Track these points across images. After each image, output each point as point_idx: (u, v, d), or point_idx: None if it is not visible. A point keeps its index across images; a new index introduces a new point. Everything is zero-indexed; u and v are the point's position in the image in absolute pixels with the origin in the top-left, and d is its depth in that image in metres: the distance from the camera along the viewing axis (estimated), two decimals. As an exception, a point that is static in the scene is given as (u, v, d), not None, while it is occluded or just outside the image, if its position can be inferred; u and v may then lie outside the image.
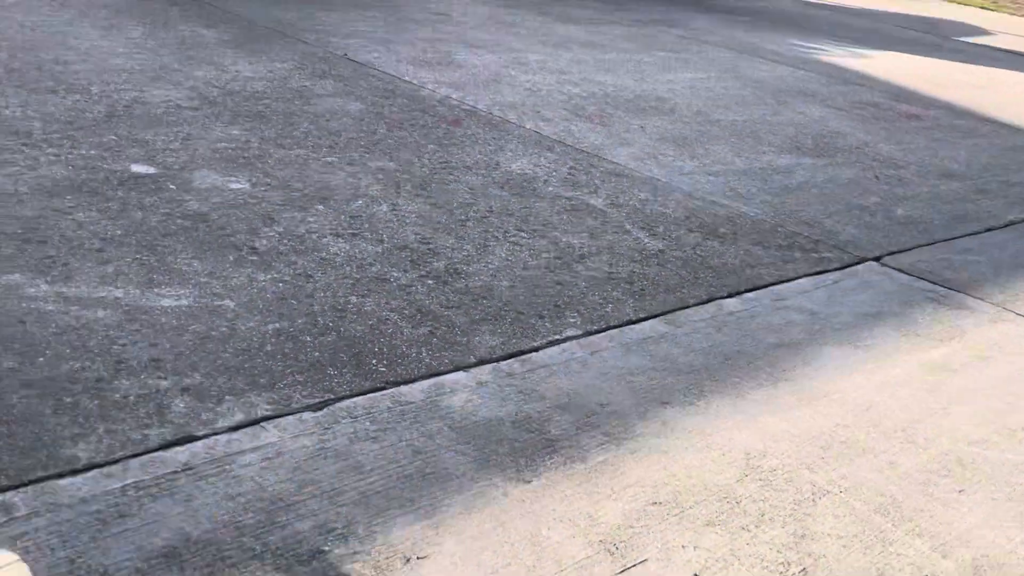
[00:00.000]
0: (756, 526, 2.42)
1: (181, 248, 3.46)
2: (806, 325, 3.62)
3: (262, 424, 2.53)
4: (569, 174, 4.94)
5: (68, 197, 3.71)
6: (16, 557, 1.95)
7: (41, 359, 2.65)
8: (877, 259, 4.39)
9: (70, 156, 4.10)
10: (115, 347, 2.77)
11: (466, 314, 3.33)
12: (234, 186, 4.09)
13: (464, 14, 8.60)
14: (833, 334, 3.57)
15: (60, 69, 5.23)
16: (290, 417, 2.57)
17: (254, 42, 6.49)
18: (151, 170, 4.11)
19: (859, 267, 4.28)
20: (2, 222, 3.44)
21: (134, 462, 2.30)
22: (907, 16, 12.80)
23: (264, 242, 3.62)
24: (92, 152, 4.18)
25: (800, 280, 4.04)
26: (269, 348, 2.89)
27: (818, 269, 4.17)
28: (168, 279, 3.23)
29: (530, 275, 3.71)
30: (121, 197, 3.79)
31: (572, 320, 3.41)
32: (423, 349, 3.04)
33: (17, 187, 3.73)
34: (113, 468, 2.26)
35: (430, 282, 3.53)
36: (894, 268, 4.32)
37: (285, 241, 3.66)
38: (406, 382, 2.84)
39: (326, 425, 2.57)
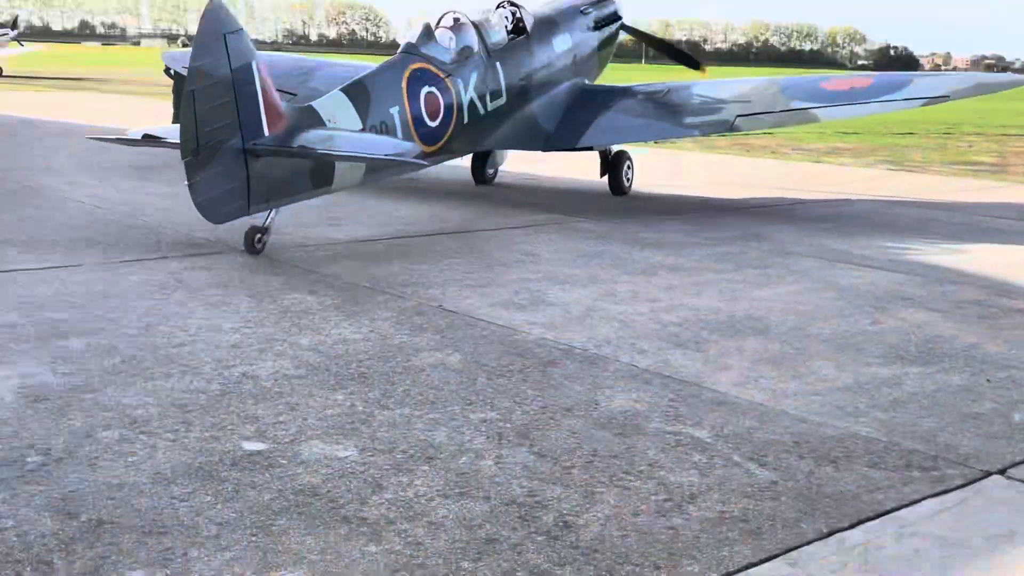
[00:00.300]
0: None
1: (294, 526, 3.51)
2: (937, 555, 3.45)
3: None
4: (670, 406, 4.92)
5: (185, 483, 3.83)
6: None
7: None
8: (1002, 472, 4.21)
9: (185, 440, 4.26)
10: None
11: (579, 571, 3.27)
12: (342, 454, 4.17)
13: (552, 251, 8.85)
14: (966, 563, 3.39)
15: (175, 351, 5.50)
16: None
17: (353, 303, 6.76)
18: (262, 446, 4.23)
19: (984, 482, 4.10)
20: (123, 515, 3.54)
21: None
22: (997, 205, 12.74)
23: (374, 511, 3.65)
24: (206, 434, 4.33)
25: (924, 503, 3.88)
26: (384, 628, 2.87)
27: (941, 489, 4.01)
28: (282, 560, 3.26)
29: (641, 522, 3.65)
30: (235, 478, 3.89)
31: (689, 569, 3.32)
32: (539, 616, 2.97)
33: (137, 477, 3.87)
34: None
35: (540, 538, 3.49)
36: (1020, 480, 4.13)
37: (394, 508, 3.69)
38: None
39: None
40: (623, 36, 14.56)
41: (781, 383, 5.34)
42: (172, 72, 17.17)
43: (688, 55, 15.00)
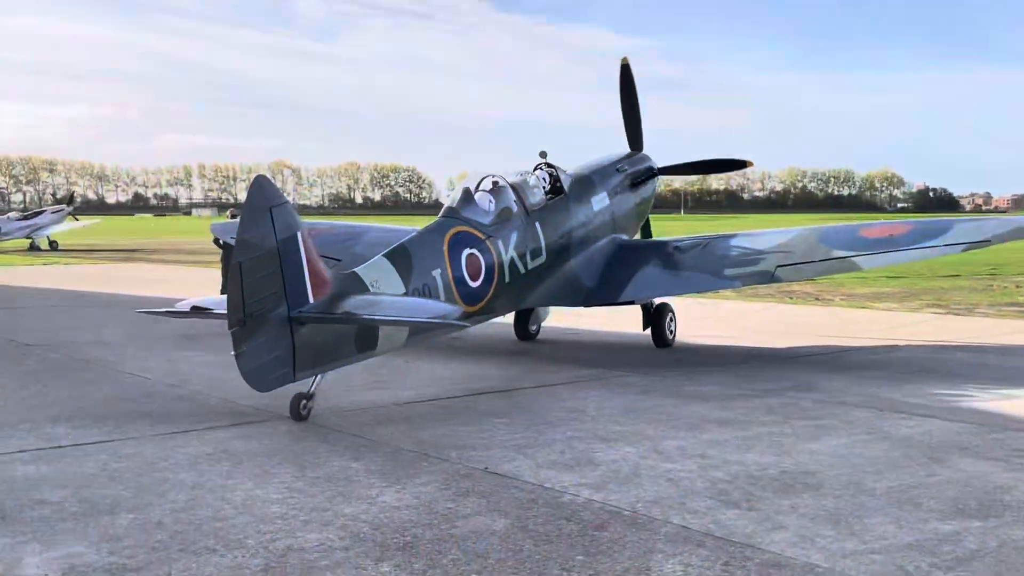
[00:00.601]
0: None
1: None
2: None
3: None
4: (723, 570, 4.77)
5: (226, 665, 3.73)
6: None
7: None
8: (1078, 634, 4.00)
9: (228, 619, 4.17)
10: None
11: None
12: (387, 631, 4.06)
13: (597, 407, 8.79)
14: None
15: (220, 525, 5.46)
16: None
17: (399, 468, 6.71)
18: (305, 624, 4.13)
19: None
20: None
21: None
22: (1047, 345, 12.55)
23: None
24: (249, 611, 4.25)
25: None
26: None
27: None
28: None
29: None
30: (277, 659, 3.80)
31: None
32: None
33: (178, 660, 3.78)
34: None
35: None
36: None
37: None
38: None
39: None
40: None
41: (838, 542, 5.17)
42: (221, 242, 17.65)
43: (731, 160, 14.93)
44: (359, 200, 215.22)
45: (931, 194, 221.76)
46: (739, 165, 14.84)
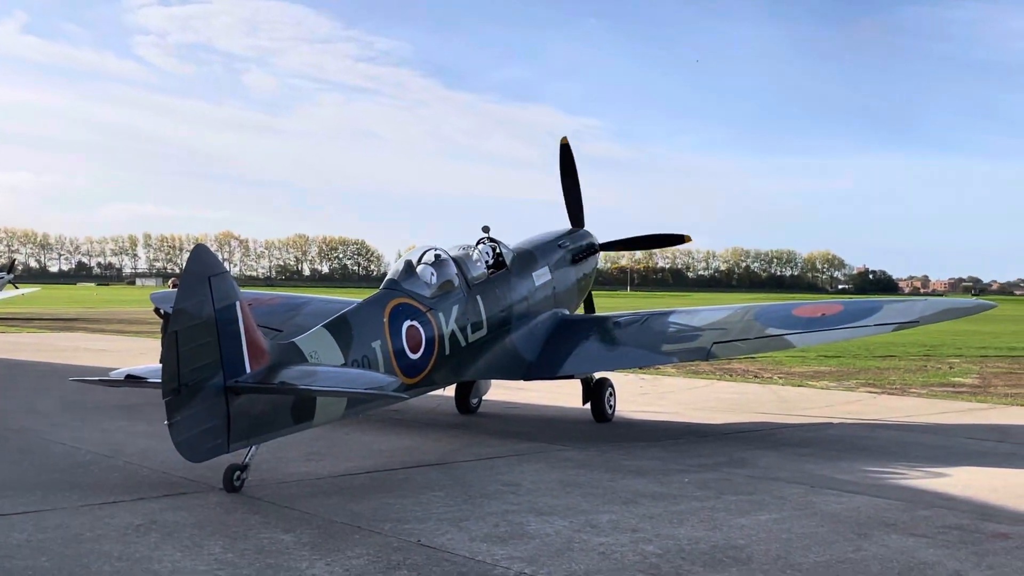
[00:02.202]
0: None
1: None
2: None
3: None
4: (651, 644, 4.79)
5: None
6: None
7: None
8: None
9: None
10: None
11: None
12: None
13: (535, 481, 8.81)
14: None
15: (143, 596, 5.38)
16: None
17: (330, 540, 6.66)
18: None
19: None
20: None
21: None
22: (978, 426, 12.79)
23: None
24: None
25: None
26: None
27: None
28: None
29: None
30: None
31: None
32: None
33: None
34: None
35: None
36: None
37: None
38: None
39: None
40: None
41: (763, 616, 5.22)
42: (161, 312, 17.49)
43: (669, 235, 15.18)
44: (307, 272, 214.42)
45: (871, 276, 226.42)
46: (677, 240, 15.14)
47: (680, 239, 15.02)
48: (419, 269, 10.92)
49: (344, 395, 8.59)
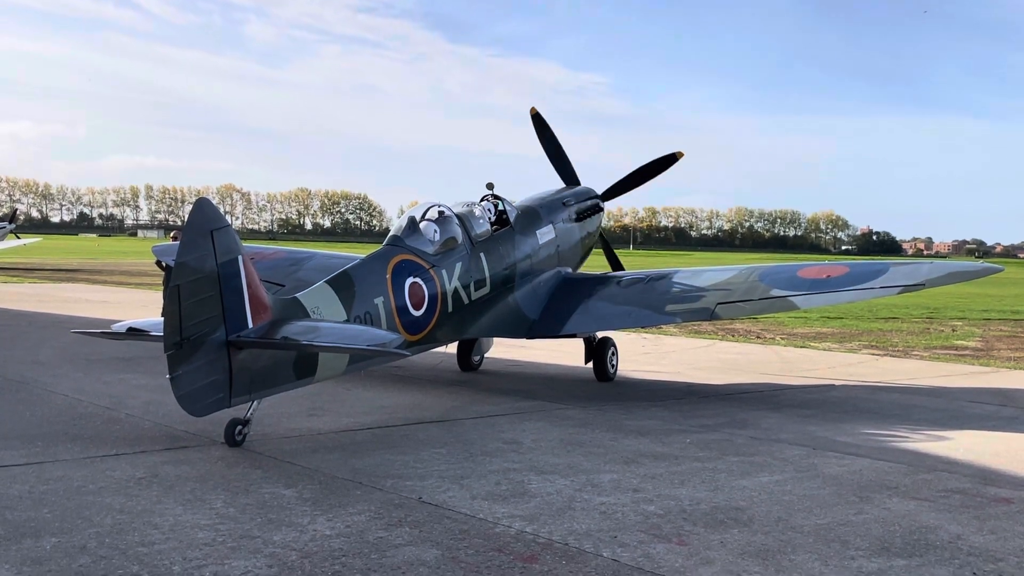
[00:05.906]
0: None
1: None
2: None
3: None
4: (652, 605, 4.79)
5: None
6: None
7: None
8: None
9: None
10: None
11: None
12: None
13: (536, 439, 8.80)
14: None
15: (144, 551, 5.38)
16: None
17: (332, 496, 6.66)
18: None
19: None
20: None
21: None
22: (980, 390, 12.78)
23: None
24: (169, 638, 4.19)
25: None
26: None
27: None
28: None
29: None
30: None
31: None
32: None
33: None
34: None
35: None
36: None
37: None
38: None
39: None
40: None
41: (764, 578, 5.22)
42: (163, 264, 17.46)
43: (661, 158, 14.84)
44: (309, 226, 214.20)
45: (874, 237, 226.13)
46: (670, 160, 14.76)
47: (672, 158, 14.71)
48: (422, 226, 10.86)
49: (346, 351, 8.56)
